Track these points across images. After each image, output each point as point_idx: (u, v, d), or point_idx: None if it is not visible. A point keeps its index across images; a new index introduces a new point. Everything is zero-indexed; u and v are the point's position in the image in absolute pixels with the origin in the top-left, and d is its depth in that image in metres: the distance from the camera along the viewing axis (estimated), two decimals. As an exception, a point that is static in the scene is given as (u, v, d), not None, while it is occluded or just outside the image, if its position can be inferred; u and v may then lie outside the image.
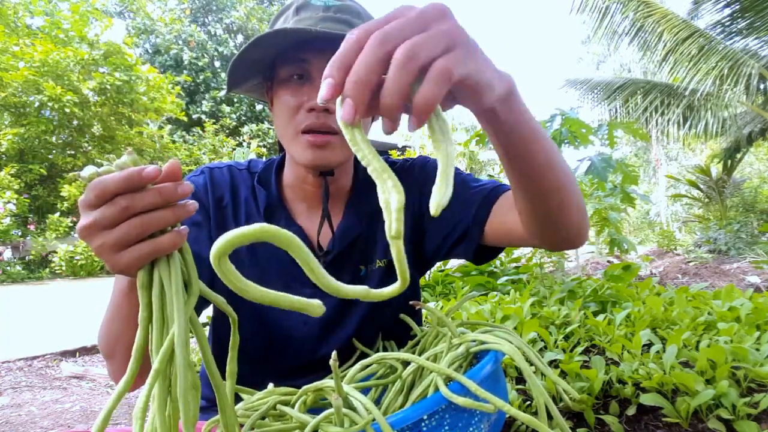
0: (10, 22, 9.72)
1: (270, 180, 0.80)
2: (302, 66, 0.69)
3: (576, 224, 0.58)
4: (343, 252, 0.78)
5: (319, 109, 0.67)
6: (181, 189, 0.41)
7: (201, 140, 12.95)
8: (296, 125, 0.69)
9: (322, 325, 0.78)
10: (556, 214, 0.56)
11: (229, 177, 0.80)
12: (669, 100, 7.11)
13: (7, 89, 8.90)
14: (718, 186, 8.38)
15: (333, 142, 0.69)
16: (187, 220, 0.73)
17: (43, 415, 1.89)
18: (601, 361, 1.09)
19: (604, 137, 2.57)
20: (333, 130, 0.68)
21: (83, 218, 0.41)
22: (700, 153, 13.79)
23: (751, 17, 5.80)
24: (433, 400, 0.52)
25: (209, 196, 0.77)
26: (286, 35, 0.64)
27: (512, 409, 0.51)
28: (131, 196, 0.39)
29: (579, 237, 0.62)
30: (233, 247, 0.36)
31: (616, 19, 6.58)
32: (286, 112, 0.70)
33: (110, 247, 0.40)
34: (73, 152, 10.31)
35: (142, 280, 0.42)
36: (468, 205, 0.74)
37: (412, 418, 0.50)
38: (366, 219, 0.81)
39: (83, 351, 2.95)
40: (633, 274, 2.18)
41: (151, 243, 0.41)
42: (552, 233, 0.60)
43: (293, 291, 0.74)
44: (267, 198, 0.78)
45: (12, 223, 8.33)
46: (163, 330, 0.41)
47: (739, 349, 1.01)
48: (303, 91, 0.69)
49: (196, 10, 17.41)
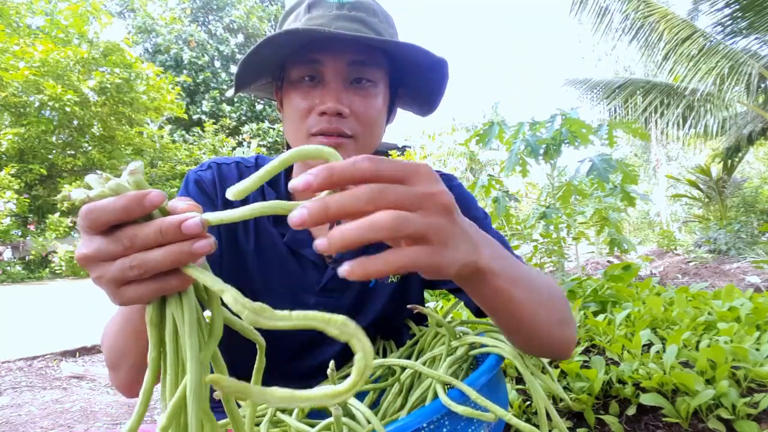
0: (11, 22, 9.72)
1: (279, 179, 0.77)
2: (314, 67, 0.66)
3: (557, 342, 0.56)
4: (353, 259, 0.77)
5: (331, 112, 0.64)
6: (193, 225, 0.33)
7: (201, 140, 12.96)
8: (308, 128, 0.67)
9: (315, 339, 0.77)
10: (531, 341, 0.55)
11: (237, 173, 0.77)
12: (669, 100, 7.11)
13: (7, 89, 8.90)
14: (718, 186, 8.37)
15: (344, 143, 0.67)
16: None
17: (43, 415, 1.89)
18: (601, 361, 1.09)
19: (603, 137, 2.57)
20: (344, 133, 0.66)
21: (82, 244, 0.35)
22: (700, 153, 13.80)
23: (751, 17, 5.80)
24: (432, 408, 0.51)
25: (217, 192, 0.74)
26: (298, 35, 0.61)
27: (513, 419, 0.50)
28: (133, 230, 0.33)
29: (561, 352, 0.58)
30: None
31: (616, 19, 6.58)
32: (297, 115, 0.67)
33: (109, 281, 0.34)
34: (73, 152, 10.31)
35: (150, 316, 0.36)
36: None
37: (411, 427, 0.50)
38: None
39: (83, 351, 2.95)
40: (633, 274, 2.17)
41: (159, 282, 0.34)
42: (532, 350, 0.60)
43: (298, 300, 0.76)
44: (276, 197, 0.76)
45: (12, 223, 8.34)
46: (178, 374, 0.35)
47: (739, 349, 1.01)
48: (315, 94, 0.66)
49: (197, 9, 17.41)
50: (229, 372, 0.40)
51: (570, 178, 2.76)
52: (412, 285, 0.80)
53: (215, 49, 16.62)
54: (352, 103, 0.66)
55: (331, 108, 0.63)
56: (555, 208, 2.60)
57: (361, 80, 0.67)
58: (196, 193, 0.73)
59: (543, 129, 2.59)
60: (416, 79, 0.72)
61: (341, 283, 0.75)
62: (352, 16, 0.64)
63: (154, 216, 0.34)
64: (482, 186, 2.76)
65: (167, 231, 0.33)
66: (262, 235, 0.75)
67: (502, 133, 2.67)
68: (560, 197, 2.68)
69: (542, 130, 2.59)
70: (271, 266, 0.75)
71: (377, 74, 0.68)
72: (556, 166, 2.72)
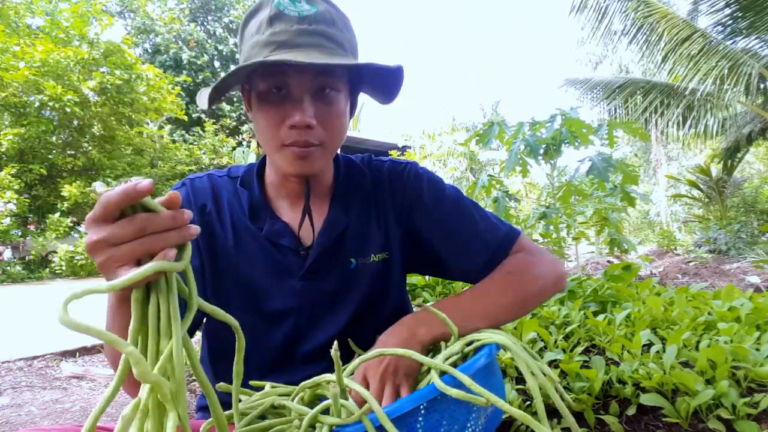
0: (11, 23, 9.71)
1: (252, 181, 0.83)
2: (280, 78, 0.69)
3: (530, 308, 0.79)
4: (332, 246, 0.81)
5: (300, 126, 0.69)
6: (187, 215, 0.46)
7: (201, 140, 12.94)
8: (279, 140, 0.71)
9: (307, 323, 0.81)
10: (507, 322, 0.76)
11: (209, 185, 0.83)
12: (669, 100, 7.11)
13: (7, 89, 8.90)
14: (718, 186, 8.37)
15: (313, 152, 0.72)
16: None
17: (43, 415, 1.89)
18: (601, 361, 1.09)
19: (603, 137, 2.57)
20: (313, 143, 0.71)
21: (91, 233, 0.44)
22: (700, 153, 13.78)
23: (751, 17, 5.80)
24: (427, 390, 0.55)
25: (191, 206, 0.80)
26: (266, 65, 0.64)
27: (505, 404, 0.51)
28: (150, 216, 0.44)
29: (535, 306, 0.80)
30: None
31: (616, 19, 6.58)
32: (268, 127, 0.72)
33: (116, 262, 0.44)
34: (73, 152, 10.30)
35: (137, 295, 0.44)
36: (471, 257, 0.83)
37: (408, 407, 0.54)
38: (355, 211, 0.84)
39: (83, 351, 2.95)
40: (633, 274, 2.17)
41: (157, 260, 0.43)
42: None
43: (285, 285, 0.80)
44: (250, 198, 0.82)
45: (12, 223, 8.32)
46: (156, 343, 0.43)
47: (739, 349, 1.01)
48: (284, 108, 0.70)
49: (195, 9, 17.41)
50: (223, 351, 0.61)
51: (570, 178, 2.76)
52: (394, 267, 0.86)
53: (214, 49, 16.62)
54: (319, 113, 0.71)
55: (300, 122, 0.68)
56: (555, 208, 2.60)
57: (325, 89, 0.71)
58: None
59: (543, 129, 2.59)
60: (375, 80, 0.77)
61: (323, 267, 0.80)
62: (314, 30, 0.67)
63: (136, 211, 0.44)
64: (482, 186, 2.76)
65: (179, 217, 0.45)
66: (241, 233, 0.80)
67: (502, 133, 2.67)
68: (560, 197, 2.68)
69: (542, 130, 2.59)
70: (255, 259, 0.80)
71: (339, 83, 0.73)
72: (556, 166, 2.72)
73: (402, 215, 0.85)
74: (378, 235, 0.84)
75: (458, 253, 0.83)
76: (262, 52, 0.66)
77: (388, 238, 0.84)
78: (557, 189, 2.72)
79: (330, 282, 0.80)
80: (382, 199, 0.86)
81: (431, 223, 0.84)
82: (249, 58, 0.68)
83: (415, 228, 0.85)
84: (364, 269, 0.82)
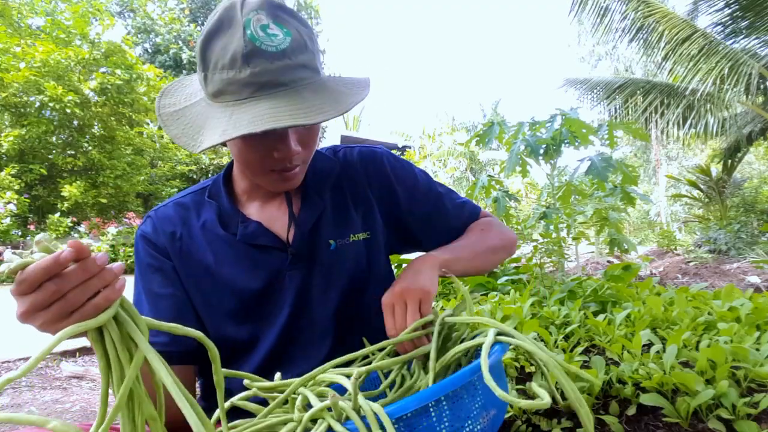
0: (13, 23, 9.71)
1: (220, 192, 0.85)
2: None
3: (497, 261, 0.95)
4: (309, 233, 0.84)
5: (288, 158, 0.71)
6: (100, 260, 0.47)
7: (201, 140, 12.94)
8: (263, 167, 0.74)
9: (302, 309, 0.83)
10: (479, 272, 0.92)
11: (173, 211, 0.85)
12: (669, 100, 7.10)
13: (8, 89, 8.90)
14: (719, 186, 8.37)
15: (299, 171, 0.77)
16: (148, 268, 0.81)
17: (43, 415, 1.89)
18: (601, 361, 1.09)
19: (604, 137, 2.57)
20: (297, 165, 0.76)
21: (19, 305, 0.46)
22: (701, 153, 13.78)
23: (751, 17, 5.80)
24: (471, 369, 0.56)
25: (160, 237, 0.82)
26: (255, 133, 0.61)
27: (514, 399, 0.51)
28: (57, 280, 0.45)
29: (502, 260, 0.98)
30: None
31: (616, 19, 6.57)
32: (250, 157, 0.73)
33: (51, 322, 0.46)
34: (74, 152, 10.30)
35: (92, 336, 0.47)
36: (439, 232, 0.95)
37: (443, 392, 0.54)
38: (327, 197, 0.87)
39: (83, 351, 2.96)
40: (633, 274, 2.18)
41: (89, 306, 0.46)
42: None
43: (274, 279, 0.82)
44: (219, 208, 0.84)
45: (12, 223, 8.32)
46: (121, 375, 0.46)
47: (739, 349, 1.01)
48: (269, 141, 0.70)
49: (196, 9, 17.41)
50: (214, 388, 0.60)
51: (570, 178, 2.75)
52: (377, 245, 0.90)
53: (215, 49, 16.61)
54: (301, 140, 0.73)
55: (287, 156, 0.71)
56: (555, 208, 2.60)
57: None
58: (143, 249, 0.83)
59: (543, 129, 2.59)
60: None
61: (304, 253, 0.83)
62: (295, 64, 0.65)
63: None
64: (482, 186, 2.76)
65: (87, 267, 0.46)
66: (215, 245, 0.82)
67: (502, 133, 2.67)
68: (560, 197, 2.68)
69: (542, 131, 2.59)
70: (238, 266, 0.82)
71: None
72: (556, 166, 2.72)
73: (383, 196, 0.91)
74: (356, 217, 0.88)
75: (435, 231, 0.94)
76: (243, 92, 0.64)
77: (367, 218, 0.89)
78: (557, 189, 2.72)
79: (315, 266, 0.83)
80: (356, 182, 0.90)
81: (409, 203, 0.92)
82: (224, 92, 0.65)
83: (394, 208, 0.91)
84: (344, 249, 0.86)
